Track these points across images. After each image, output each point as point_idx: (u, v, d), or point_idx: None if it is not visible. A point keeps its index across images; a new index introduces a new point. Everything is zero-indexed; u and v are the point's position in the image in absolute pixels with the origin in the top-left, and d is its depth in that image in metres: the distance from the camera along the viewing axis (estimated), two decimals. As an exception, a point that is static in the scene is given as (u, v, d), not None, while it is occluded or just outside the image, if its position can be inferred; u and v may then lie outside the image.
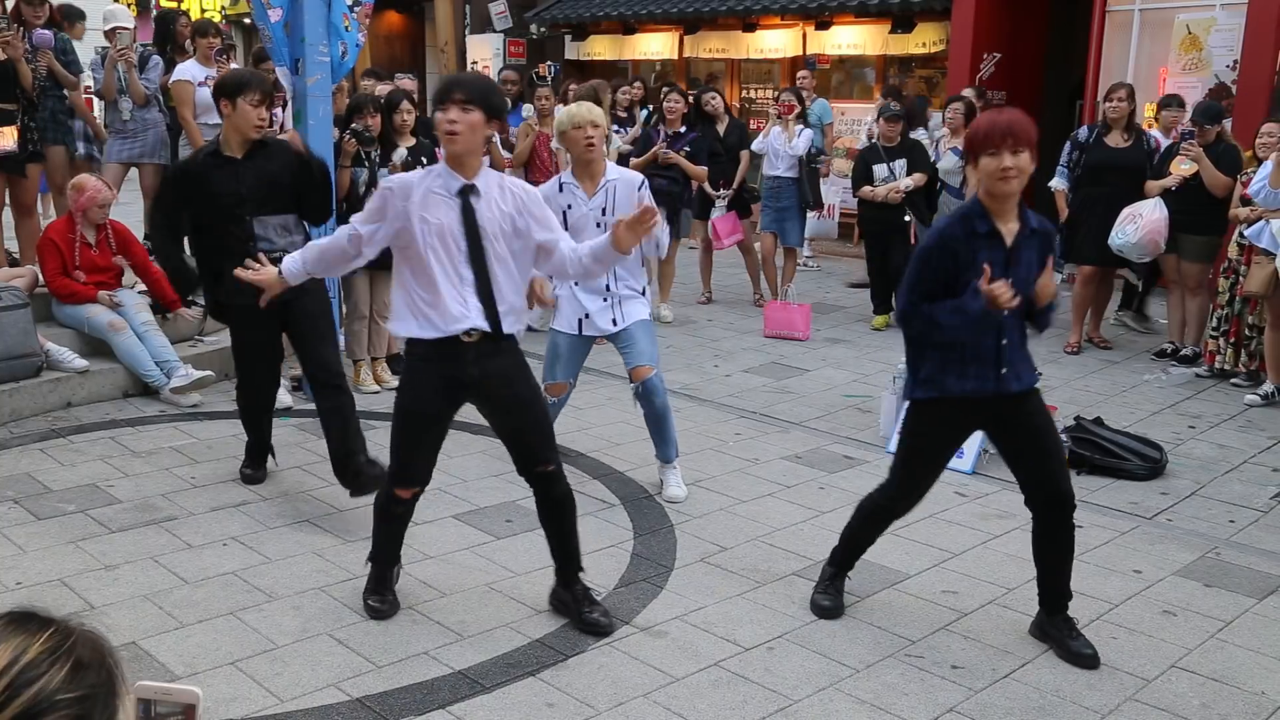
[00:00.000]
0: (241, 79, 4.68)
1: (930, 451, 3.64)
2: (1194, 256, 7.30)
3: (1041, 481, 3.54)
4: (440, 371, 3.52)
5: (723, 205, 8.84)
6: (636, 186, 4.82)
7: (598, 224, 4.75)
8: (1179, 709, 3.30)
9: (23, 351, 5.85)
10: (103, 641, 1.13)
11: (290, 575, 4.06)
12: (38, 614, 1.13)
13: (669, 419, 4.98)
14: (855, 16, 12.45)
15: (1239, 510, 4.93)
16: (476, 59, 15.89)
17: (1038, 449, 3.53)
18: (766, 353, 7.70)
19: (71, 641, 1.10)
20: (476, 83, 3.54)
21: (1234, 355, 6.94)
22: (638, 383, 4.88)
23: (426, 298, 3.46)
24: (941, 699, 3.33)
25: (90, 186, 6.26)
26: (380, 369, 6.64)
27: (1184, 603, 4.01)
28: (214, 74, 7.34)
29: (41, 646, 1.07)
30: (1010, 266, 3.34)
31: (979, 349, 3.40)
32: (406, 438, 3.62)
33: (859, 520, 3.85)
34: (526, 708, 3.23)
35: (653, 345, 4.95)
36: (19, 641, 1.07)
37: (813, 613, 3.83)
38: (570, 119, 4.77)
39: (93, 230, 6.31)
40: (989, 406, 3.51)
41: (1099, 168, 7.53)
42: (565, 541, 3.78)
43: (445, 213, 3.44)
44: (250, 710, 3.18)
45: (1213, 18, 9.41)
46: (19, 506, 4.61)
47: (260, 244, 4.62)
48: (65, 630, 1.11)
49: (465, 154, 3.47)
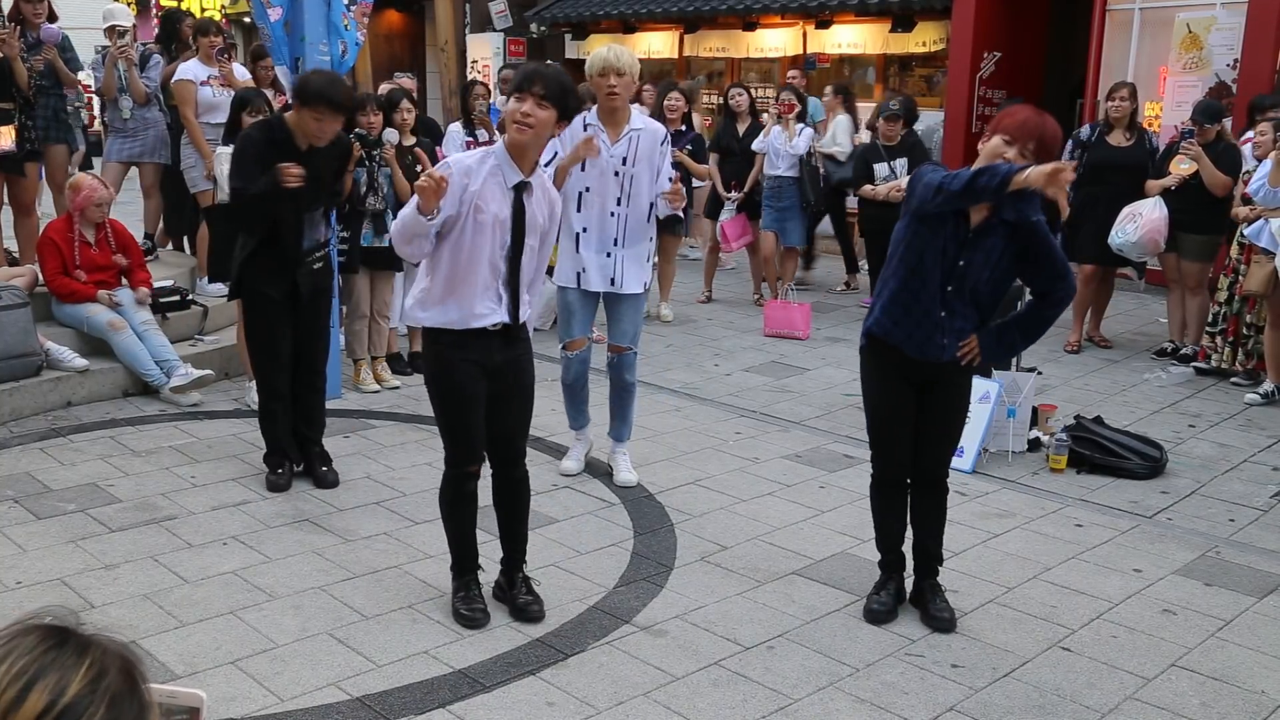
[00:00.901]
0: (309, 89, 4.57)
1: (883, 408, 3.78)
2: (1194, 256, 7.30)
3: (924, 459, 3.78)
4: (469, 357, 3.58)
5: (732, 208, 8.84)
6: (659, 141, 4.80)
7: (616, 173, 4.74)
8: (1179, 708, 3.30)
9: (23, 351, 5.84)
10: (135, 666, 1.09)
11: (290, 574, 4.06)
12: (73, 632, 1.07)
13: (632, 399, 5.05)
14: (855, 15, 12.44)
15: (1239, 509, 4.93)
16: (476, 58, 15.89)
17: (939, 428, 3.74)
18: (766, 352, 7.70)
19: (109, 677, 1.05)
20: (557, 80, 3.51)
21: (1231, 354, 6.94)
22: (613, 355, 4.97)
23: (461, 287, 3.51)
24: (941, 698, 3.33)
25: (86, 185, 6.26)
26: (380, 368, 6.64)
27: (1184, 601, 4.01)
28: (215, 73, 7.35)
29: (80, 685, 1.02)
30: (963, 250, 3.47)
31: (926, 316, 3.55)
32: (460, 419, 3.65)
33: (872, 513, 3.96)
34: (527, 707, 3.23)
35: (637, 325, 4.98)
36: (58, 679, 1.02)
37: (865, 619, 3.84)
38: (596, 65, 4.72)
39: (92, 229, 6.30)
40: (924, 370, 3.66)
41: (1100, 166, 7.52)
42: (520, 524, 3.83)
43: (500, 205, 3.48)
44: (250, 709, 3.18)
45: (1213, 16, 9.41)
46: (19, 506, 4.61)
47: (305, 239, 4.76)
48: (103, 659, 1.06)
49: (529, 148, 3.51)
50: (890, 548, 3.92)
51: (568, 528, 4.56)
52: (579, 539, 4.44)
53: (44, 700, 1.00)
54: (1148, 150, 7.55)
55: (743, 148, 8.81)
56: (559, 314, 5.07)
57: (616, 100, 4.71)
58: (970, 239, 3.48)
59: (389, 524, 4.55)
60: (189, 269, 7.61)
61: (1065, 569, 4.26)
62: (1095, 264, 7.61)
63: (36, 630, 1.06)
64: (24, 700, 1.00)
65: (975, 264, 3.49)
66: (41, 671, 1.02)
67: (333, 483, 4.91)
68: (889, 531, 3.91)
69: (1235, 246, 6.83)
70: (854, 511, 4.76)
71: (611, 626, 3.72)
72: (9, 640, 1.05)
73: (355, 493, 4.86)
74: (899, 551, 3.92)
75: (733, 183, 8.86)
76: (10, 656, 1.02)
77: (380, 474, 5.08)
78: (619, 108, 4.75)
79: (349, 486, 4.94)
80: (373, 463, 5.22)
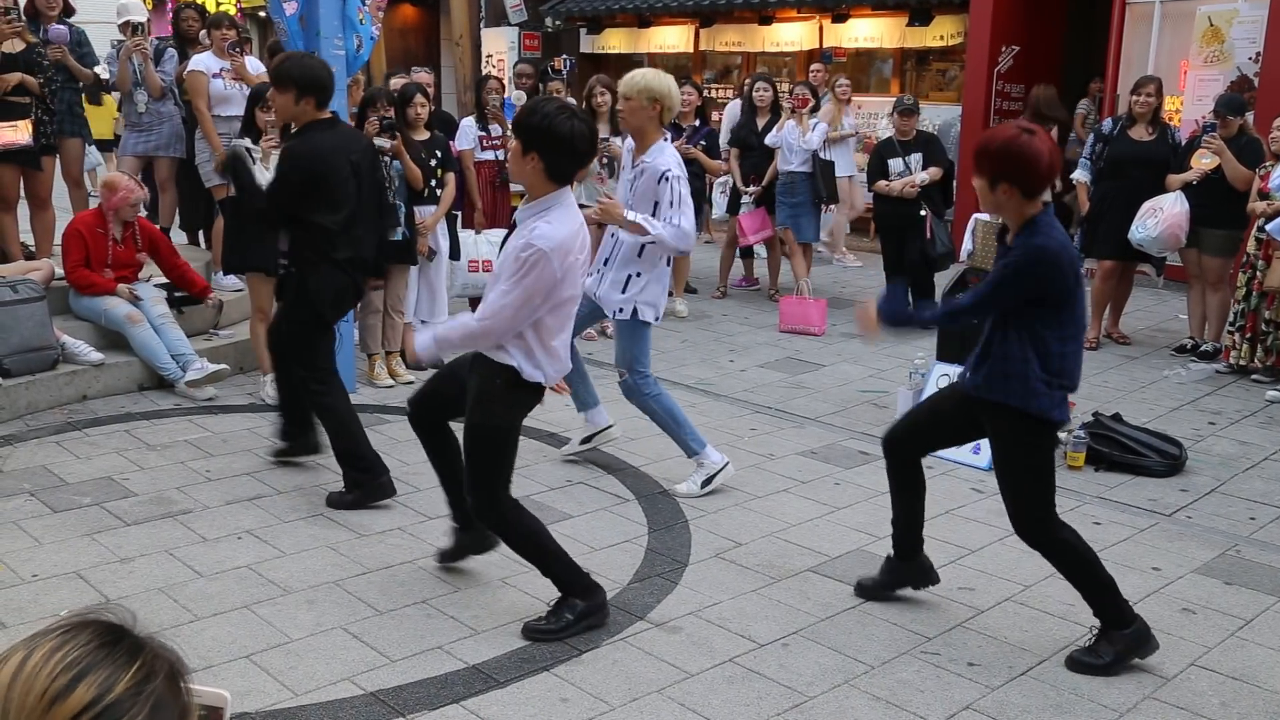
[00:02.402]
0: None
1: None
2: (1215, 251, 7.23)
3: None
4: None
5: (750, 202, 8.81)
6: (656, 179, 4.69)
7: (631, 188, 4.81)
8: (1198, 707, 3.27)
9: (39, 344, 5.87)
10: (181, 672, 1.10)
11: (304, 569, 4.06)
12: (129, 633, 1.09)
13: (659, 420, 4.95)
14: (872, 9, 12.37)
15: (1260, 507, 4.88)
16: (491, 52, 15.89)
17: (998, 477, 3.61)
18: (782, 348, 7.67)
19: (156, 681, 1.06)
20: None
21: (1249, 350, 6.87)
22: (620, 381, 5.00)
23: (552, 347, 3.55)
24: (957, 696, 3.30)
25: (123, 186, 6.28)
26: (394, 363, 6.64)
27: (1204, 600, 3.97)
28: (228, 66, 7.35)
29: (127, 685, 1.04)
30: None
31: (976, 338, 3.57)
32: (511, 456, 3.65)
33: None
34: (540, 703, 3.22)
35: (623, 349, 4.90)
36: (107, 675, 1.03)
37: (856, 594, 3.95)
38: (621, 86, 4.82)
39: (120, 227, 6.33)
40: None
41: (1121, 161, 7.46)
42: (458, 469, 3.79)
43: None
44: (264, 704, 3.18)
45: (1235, 9, 9.32)
46: (35, 499, 4.63)
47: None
48: (153, 664, 1.07)
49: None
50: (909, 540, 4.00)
51: (581, 524, 4.55)
52: (593, 535, 4.43)
53: (91, 694, 1.02)
54: (1170, 145, 7.47)
55: (761, 142, 8.78)
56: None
57: (623, 122, 4.86)
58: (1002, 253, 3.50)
59: (403, 519, 4.55)
60: (204, 263, 7.62)
61: (1083, 567, 4.22)
62: (1114, 260, 7.55)
63: (94, 625, 1.09)
64: (72, 691, 1.01)
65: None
66: (92, 666, 1.04)
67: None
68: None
69: (1253, 242, 6.76)
70: (869, 508, 4.73)
71: (626, 623, 3.70)
72: (66, 631, 1.07)
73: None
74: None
75: (751, 176, 8.82)
76: (66, 646, 1.04)
77: (394, 469, 5.06)
78: (631, 129, 4.85)
79: (363, 481, 4.94)
80: (387, 457, 5.19)
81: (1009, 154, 3.28)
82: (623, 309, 4.82)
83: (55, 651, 1.04)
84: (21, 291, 5.87)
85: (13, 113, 6.55)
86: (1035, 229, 3.33)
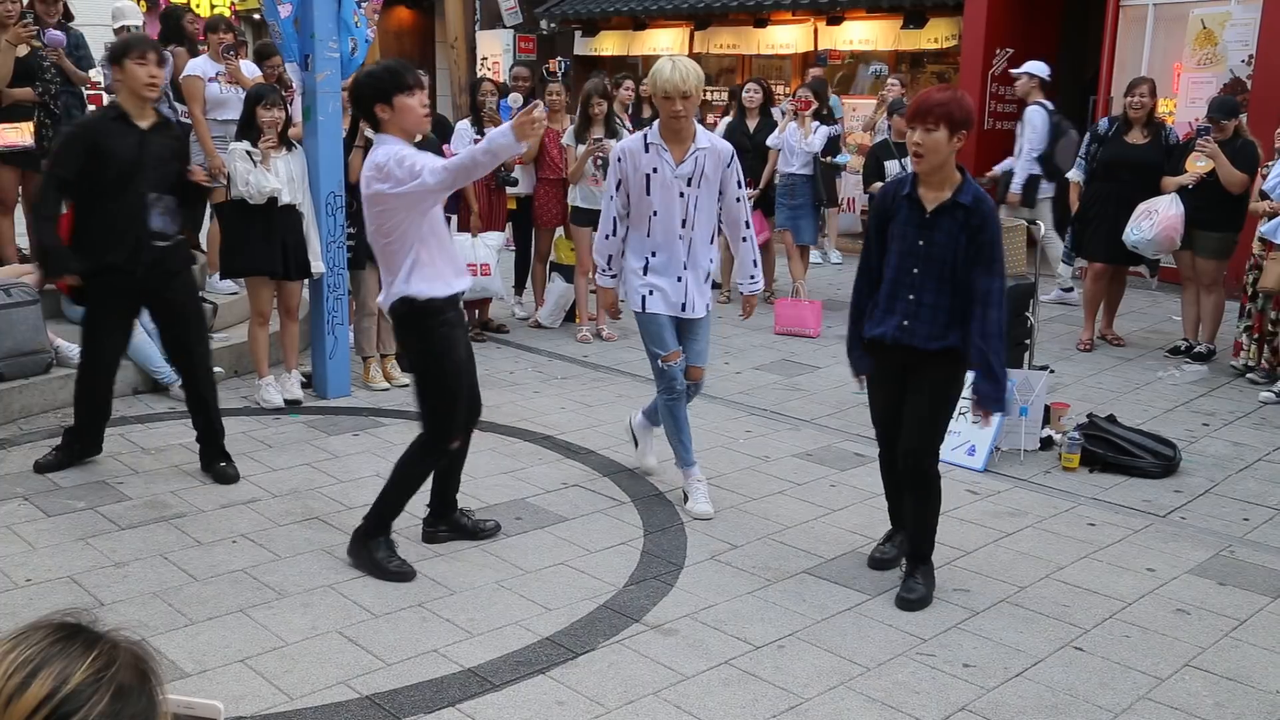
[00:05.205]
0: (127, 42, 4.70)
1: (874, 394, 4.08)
2: (1209, 253, 7.24)
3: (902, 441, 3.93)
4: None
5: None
6: (726, 162, 4.61)
7: (681, 194, 4.58)
8: (1193, 708, 3.27)
9: (32, 348, 5.85)
10: (146, 662, 1.10)
11: (299, 572, 4.06)
12: (84, 628, 1.09)
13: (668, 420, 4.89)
14: (867, 12, 12.40)
15: (1253, 508, 4.89)
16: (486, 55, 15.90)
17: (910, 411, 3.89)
18: (777, 350, 7.68)
19: (115, 667, 1.06)
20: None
21: (1258, 351, 6.86)
22: (690, 383, 4.83)
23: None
24: (953, 697, 3.31)
25: None
26: (389, 366, 6.63)
27: (1198, 601, 3.97)
28: (224, 70, 7.34)
29: (84, 674, 1.03)
30: (923, 230, 3.76)
31: (893, 302, 3.84)
32: (460, 393, 4.08)
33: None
34: (536, 705, 3.22)
35: (708, 343, 4.92)
36: (62, 668, 1.03)
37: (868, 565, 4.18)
38: (660, 86, 4.47)
39: None
40: (898, 354, 3.85)
41: (1114, 163, 7.47)
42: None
43: None
44: (260, 708, 3.18)
45: (1228, 11, 9.35)
46: (29, 503, 4.62)
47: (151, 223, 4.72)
48: (110, 652, 1.07)
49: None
50: (894, 508, 4.24)
51: (577, 526, 4.55)
52: (589, 538, 4.43)
53: (47, 687, 1.01)
54: (1163, 148, 7.46)
55: (754, 144, 8.77)
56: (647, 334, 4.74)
57: (679, 123, 4.51)
58: (929, 218, 3.75)
59: (398, 522, 4.54)
60: (199, 266, 7.60)
61: (1077, 568, 4.23)
62: (1104, 262, 7.55)
63: (47, 625, 1.08)
64: (27, 688, 1.01)
65: (935, 245, 3.74)
66: (46, 661, 1.03)
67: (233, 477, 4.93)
68: (890, 495, 4.26)
69: (1257, 243, 6.75)
70: (865, 510, 4.74)
71: (621, 625, 3.70)
72: (20, 634, 1.07)
73: (364, 491, 4.85)
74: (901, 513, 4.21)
75: (747, 180, 8.81)
76: (19, 648, 1.04)
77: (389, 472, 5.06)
78: (682, 129, 4.55)
79: (358, 484, 4.94)
80: (382, 460, 5.21)
81: (967, 108, 3.69)
82: (709, 304, 4.82)
83: (8, 654, 1.04)
84: (15, 295, 5.86)
85: (16, 114, 6.57)
86: (970, 181, 3.75)
